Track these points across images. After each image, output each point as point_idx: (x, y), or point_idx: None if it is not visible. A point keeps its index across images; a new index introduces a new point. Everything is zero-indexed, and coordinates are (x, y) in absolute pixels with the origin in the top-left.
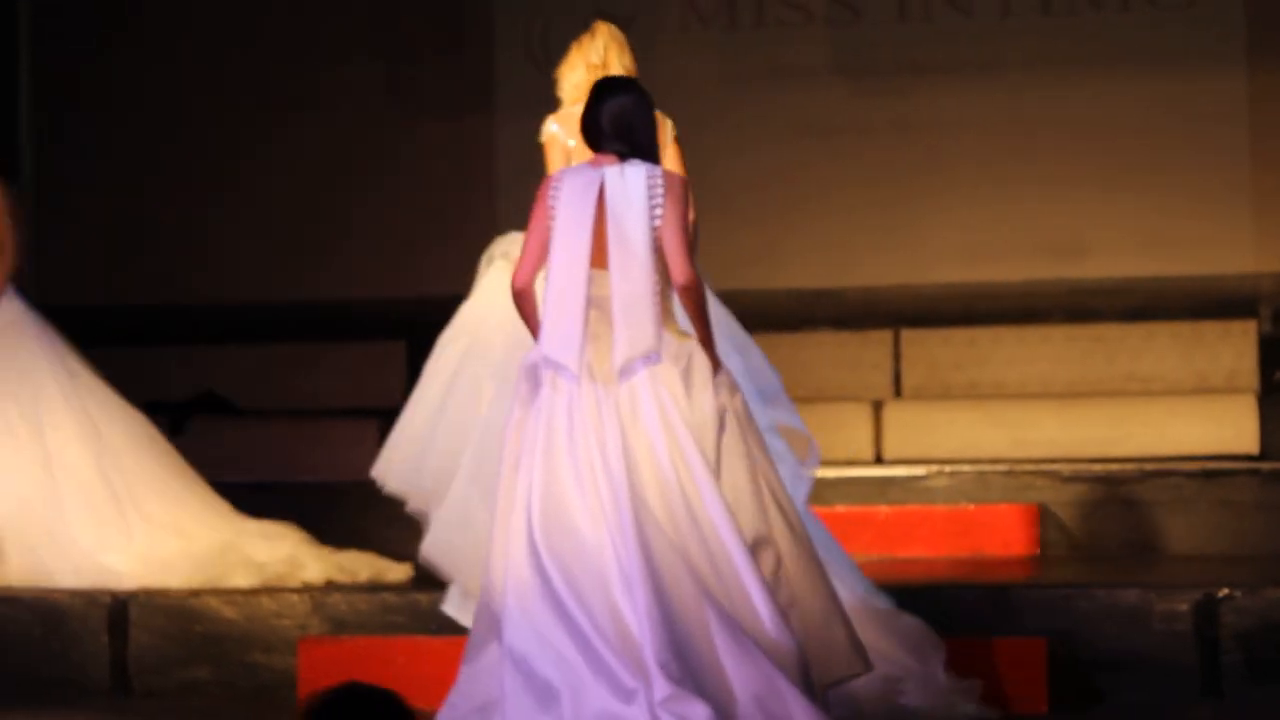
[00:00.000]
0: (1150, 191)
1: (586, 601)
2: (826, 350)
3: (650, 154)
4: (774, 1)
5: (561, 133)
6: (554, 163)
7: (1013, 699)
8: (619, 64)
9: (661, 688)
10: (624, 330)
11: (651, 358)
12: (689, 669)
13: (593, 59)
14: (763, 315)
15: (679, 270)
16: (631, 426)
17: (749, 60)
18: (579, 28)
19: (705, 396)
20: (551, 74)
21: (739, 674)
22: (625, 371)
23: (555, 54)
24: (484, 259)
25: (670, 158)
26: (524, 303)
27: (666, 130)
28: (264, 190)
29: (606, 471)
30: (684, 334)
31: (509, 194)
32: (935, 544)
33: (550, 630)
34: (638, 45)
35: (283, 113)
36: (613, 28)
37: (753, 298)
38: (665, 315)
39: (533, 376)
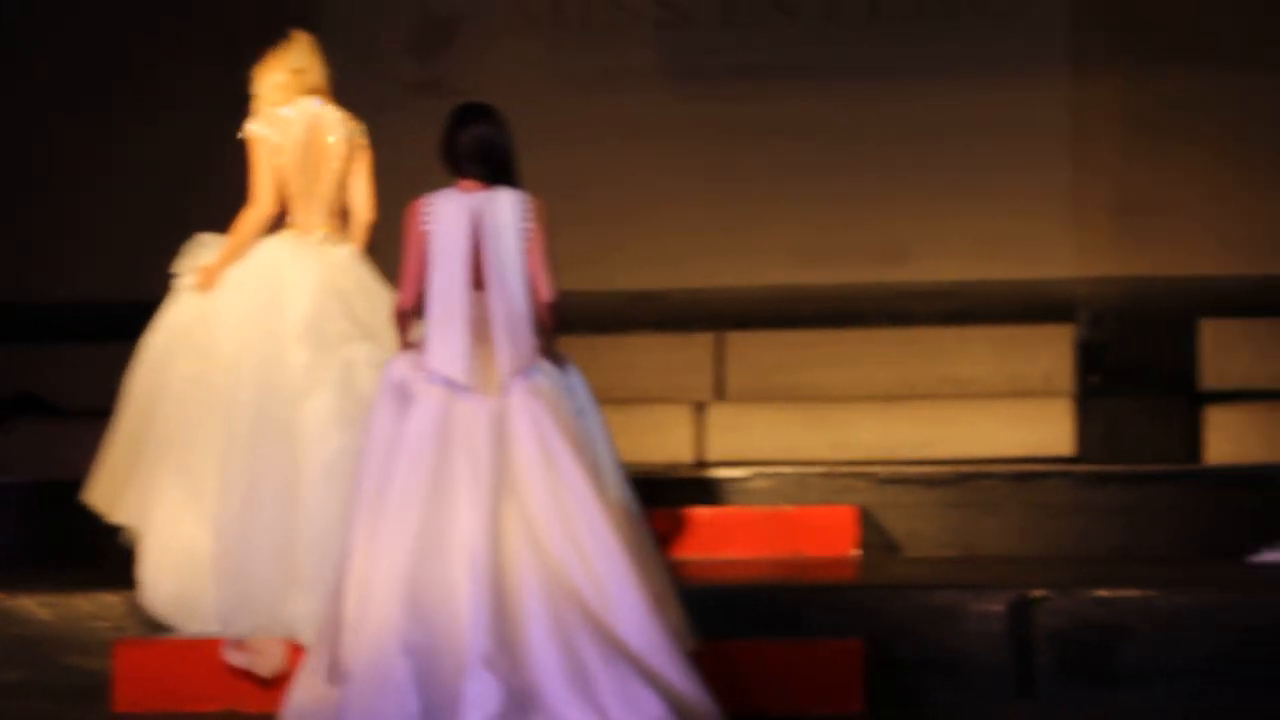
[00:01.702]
0: (972, 196)
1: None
2: (649, 352)
3: (513, 178)
4: (601, 3)
5: (269, 133)
6: (261, 160)
7: (829, 699)
8: (318, 70)
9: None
10: (507, 347)
11: (531, 372)
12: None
13: (293, 64)
14: (587, 316)
15: (547, 289)
16: (513, 436)
17: (576, 62)
18: (406, 26)
19: (574, 403)
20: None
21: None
22: (508, 385)
23: (387, 56)
24: (180, 268)
25: (361, 162)
26: (406, 322)
27: (356, 135)
28: (94, 191)
29: (482, 480)
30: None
31: None
32: (755, 545)
33: (396, 681)
34: (465, 46)
35: (124, 115)
36: (311, 38)
37: (577, 299)
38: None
39: (401, 393)
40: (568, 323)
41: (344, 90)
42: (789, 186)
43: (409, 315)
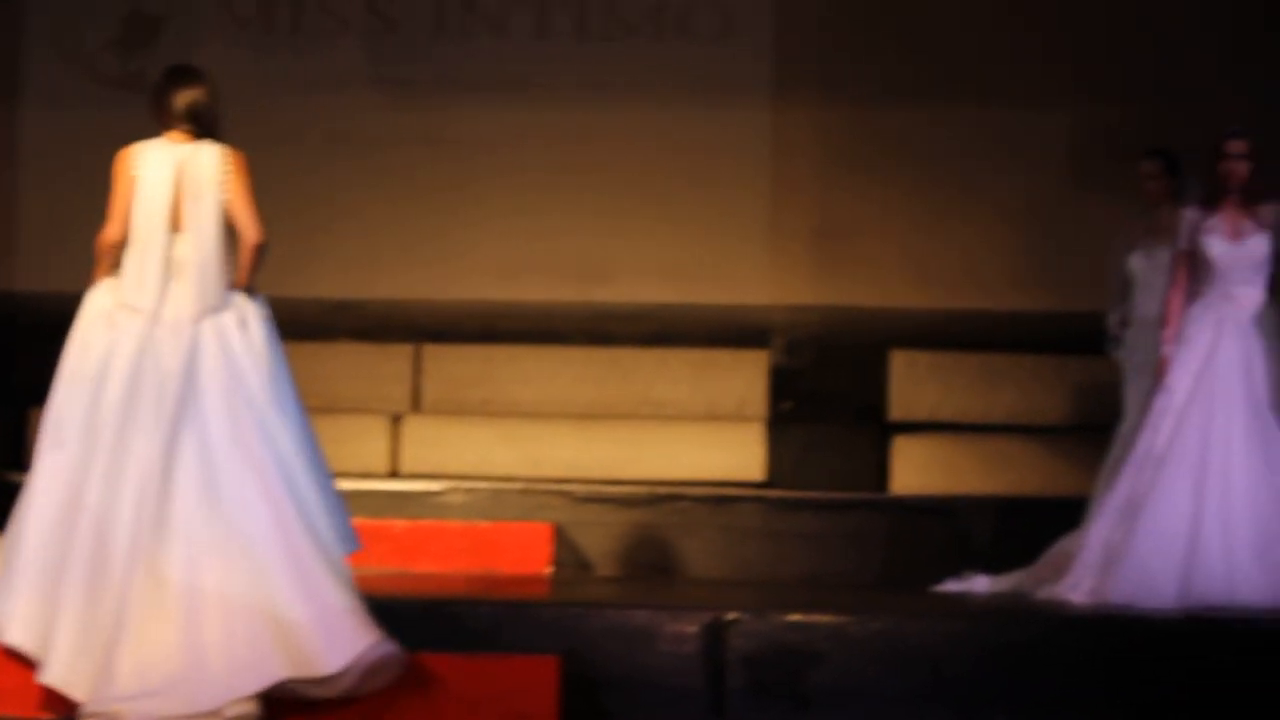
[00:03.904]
0: (673, 220)
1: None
2: (347, 361)
3: (217, 135)
4: (311, 8)
5: None
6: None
7: (524, 716)
8: None
9: None
10: (197, 286)
11: (221, 310)
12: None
13: None
14: (284, 323)
15: (254, 231)
16: (200, 369)
17: (284, 66)
18: (112, 22)
19: (258, 338)
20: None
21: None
22: (197, 319)
23: (91, 51)
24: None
25: None
26: (106, 256)
27: None
28: None
29: (165, 408)
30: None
31: (33, 186)
32: (450, 559)
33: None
34: (173, 46)
35: None
36: None
37: (276, 305)
38: (228, 273)
39: (106, 320)
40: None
41: (46, 85)
42: (493, 201)
43: (113, 249)
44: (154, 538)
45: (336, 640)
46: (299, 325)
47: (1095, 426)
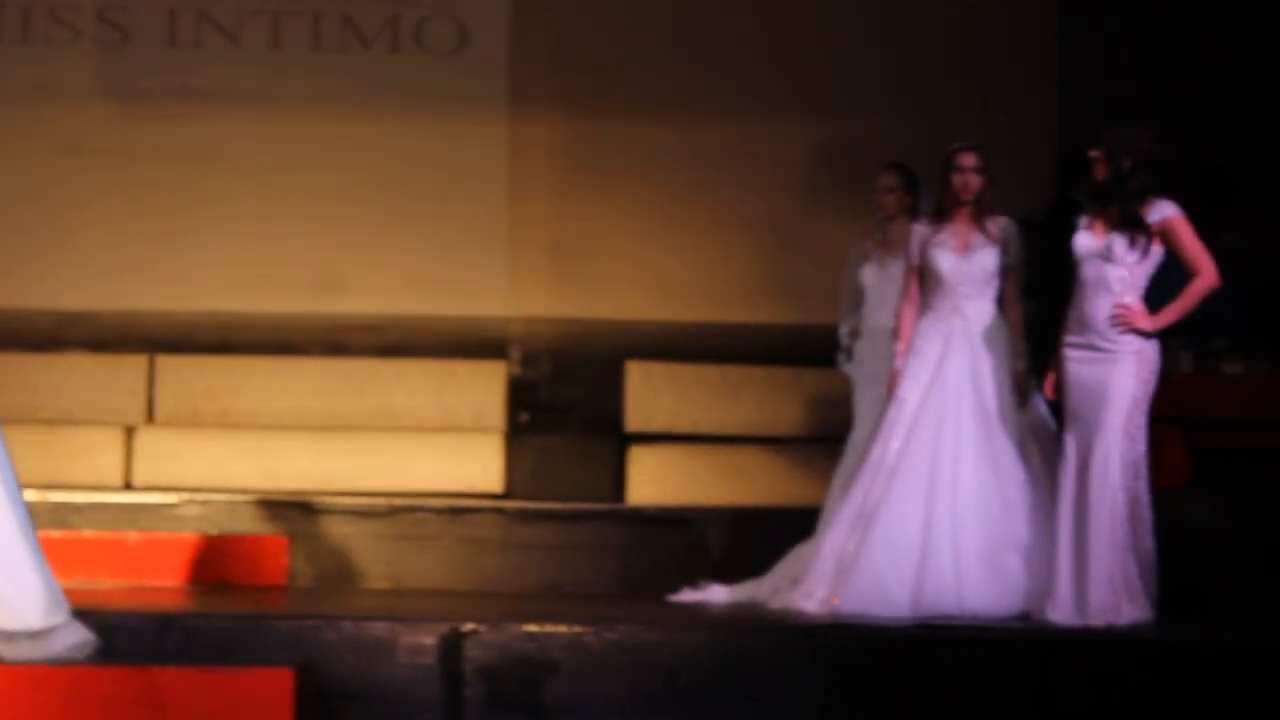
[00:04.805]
0: (411, 231)
1: None
2: (79, 373)
3: None
4: (41, 17)
5: None
6: None
7: None
8: None
9: None
10: None
11: None
12: None
13: None
14: (14, 335)
15: None
16: None
17: (11, 74)
18: None
19: None
20: None
21: None
22: None
23: None
24: None
25: None
26: None
27: None
28: None
29: None
30: None
31: None
32: (185, 572)
33: None
34: None
35: None
36: None
37: (7, 317)
38: None
39: None
40: None
41: None
42: (226, 211)
43: None
44: None
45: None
46: (31, 337)
47: (830, 437)
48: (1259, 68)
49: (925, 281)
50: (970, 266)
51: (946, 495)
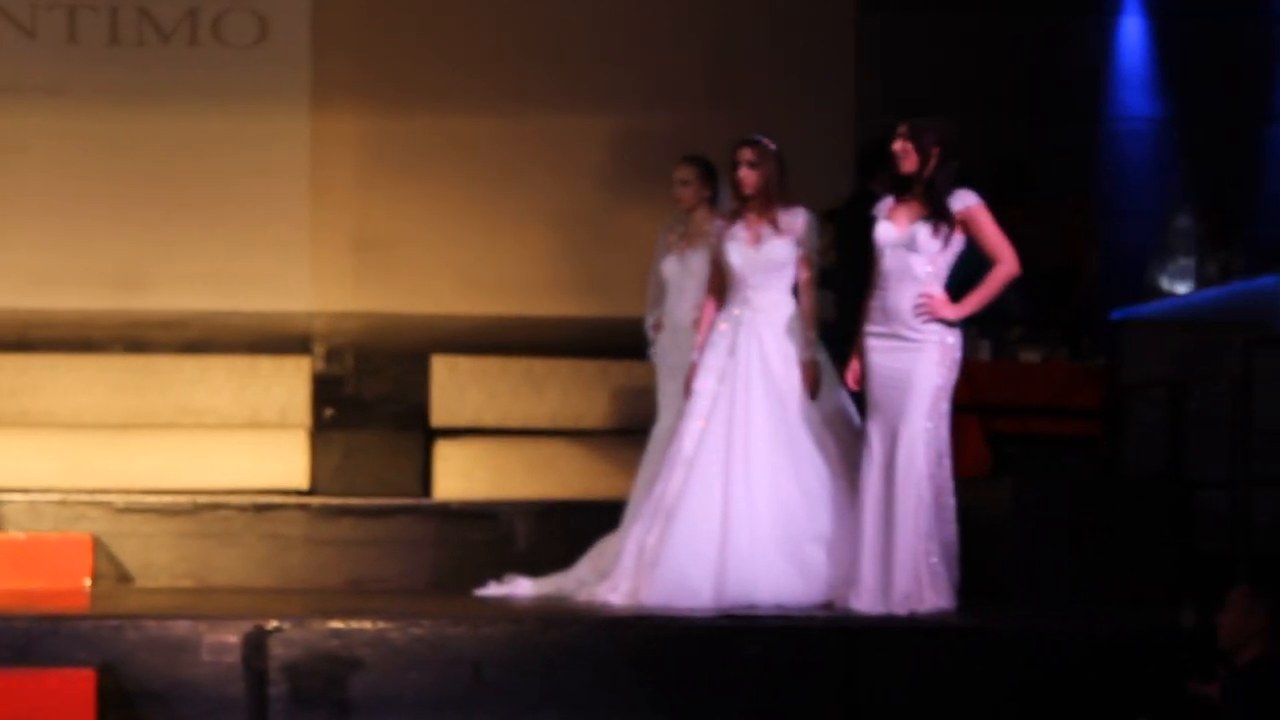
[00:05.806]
0: (213, 226)
1: None
2: None
3: None
4: None
5: None
6: None
7: None
8: None
9: None
10: None
11: None
12: None
13: None
14: None
15: None
16: None
17: None
18: None
19: None
20: None
21: None
22: None
23: None
24: None
25: None
26: None
27: None
28: None
29: None
30: None
31: None
32: None
33: None
34: None
35: None
36: None
37: None
38: None
39: None
40: None
41: None
42: (22, 207)
43: None
44: None
45: None
46: None
47: (637, 429)
48: (1058, 63)
49: (722, 274)
50: (760, 258)
51: (741, 484)
